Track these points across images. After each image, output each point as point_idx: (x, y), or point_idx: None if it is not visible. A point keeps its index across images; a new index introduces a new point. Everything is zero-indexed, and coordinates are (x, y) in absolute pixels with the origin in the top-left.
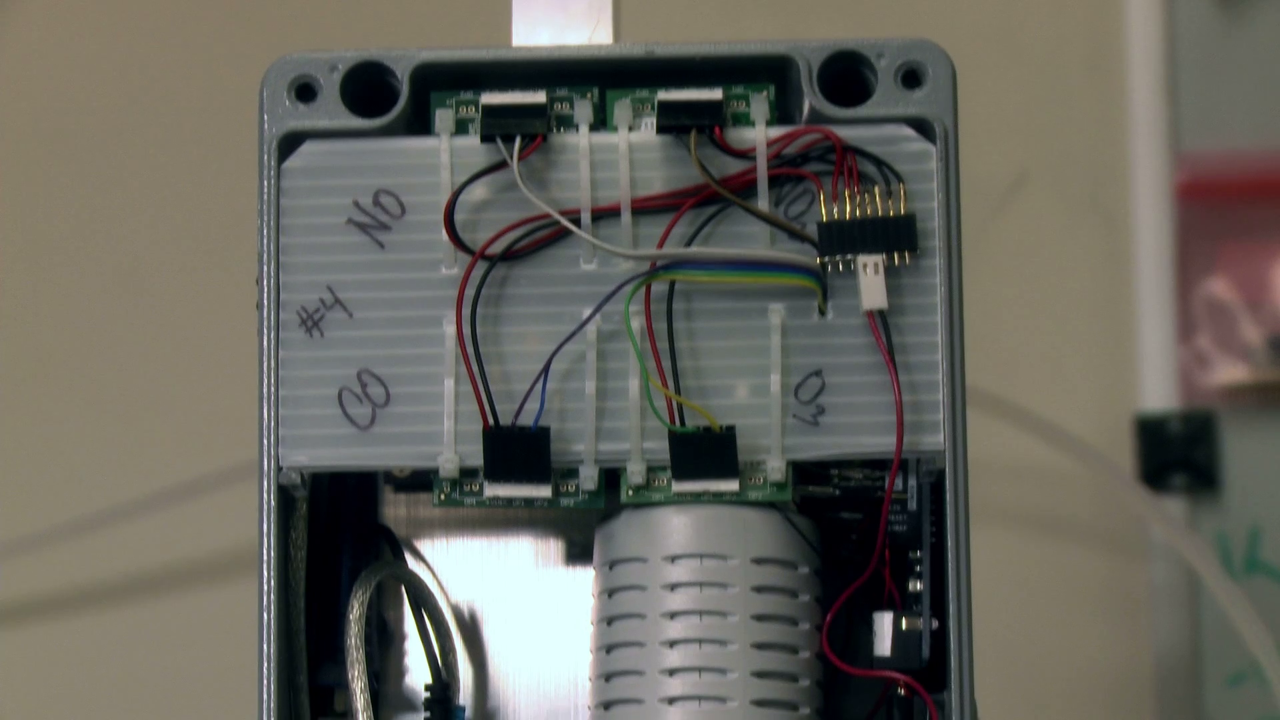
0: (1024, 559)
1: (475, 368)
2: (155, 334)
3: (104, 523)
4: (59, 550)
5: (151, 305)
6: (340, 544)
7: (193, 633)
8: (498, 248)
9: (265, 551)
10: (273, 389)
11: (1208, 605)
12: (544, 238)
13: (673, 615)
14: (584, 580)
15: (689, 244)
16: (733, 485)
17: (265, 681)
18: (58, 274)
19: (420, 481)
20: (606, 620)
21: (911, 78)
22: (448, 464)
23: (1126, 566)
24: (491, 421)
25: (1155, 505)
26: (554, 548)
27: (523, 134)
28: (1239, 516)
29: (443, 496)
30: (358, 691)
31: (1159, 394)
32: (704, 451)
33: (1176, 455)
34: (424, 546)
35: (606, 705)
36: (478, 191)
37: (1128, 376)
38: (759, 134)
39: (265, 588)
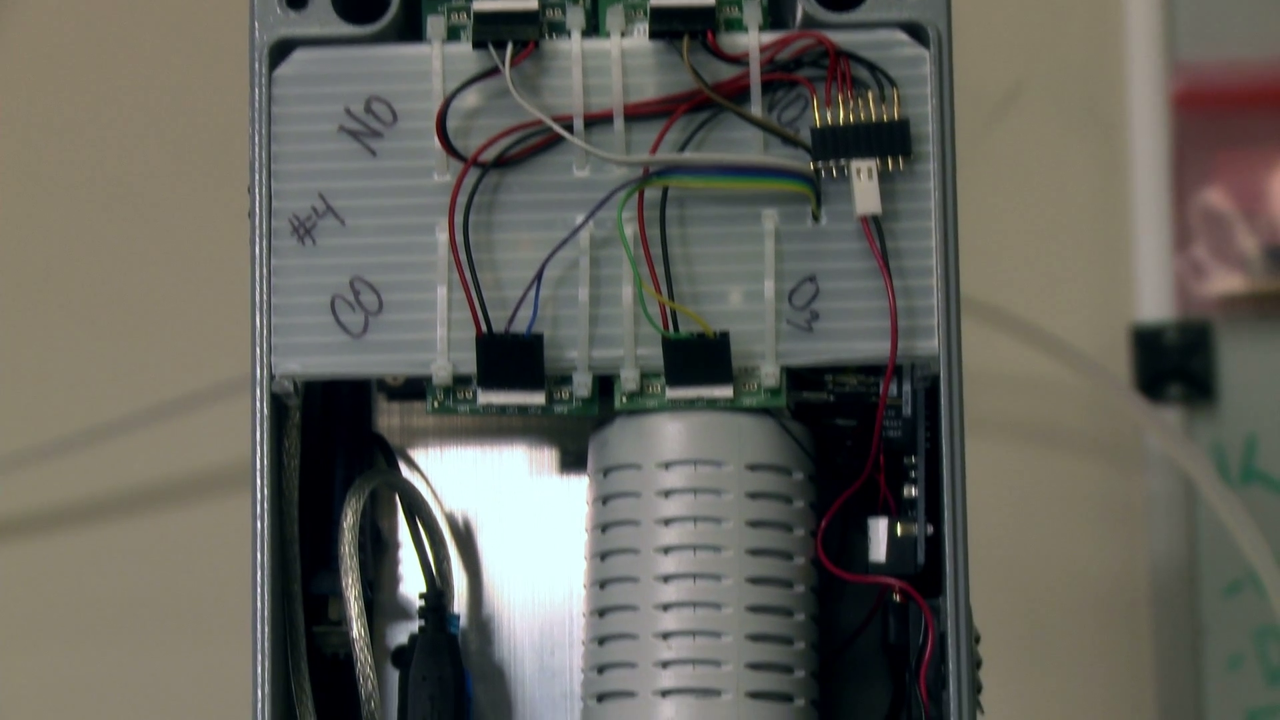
0: (1020, 469)
1: (468, 274)
2: (147, 247)
3: (99, 438)
4: (53, 466)
5: (144, 218)
6: (334, 453)
7: (188, 547)
8: (490, 154)
9: (258, 460)
10: (265, 297)
11: (1204, 514)
12: (536, 144)
13: (667, 522)
14: (578, 488)
15: (682, 150)
16: (727, 391)
17: (260, 590)
18: (48, 187)
19: (414, 389)
20: (600, 527)
21: None
22: (441, 371)
23: (1123, 476)
24: (485, 328)
25: (1152, 414)
26: (548, 456)
27: (515, 40)
28: (1235, 426)
29: (436, 404)
30: (352, 599)
31: (1155, 304)
32: (698, 358)
33: (1172, 365)
34: (418, 455)
35: (601, 612)
36: (470, 98)
37: (1124, 287)
38: (751, 39)
39: (259, 496)
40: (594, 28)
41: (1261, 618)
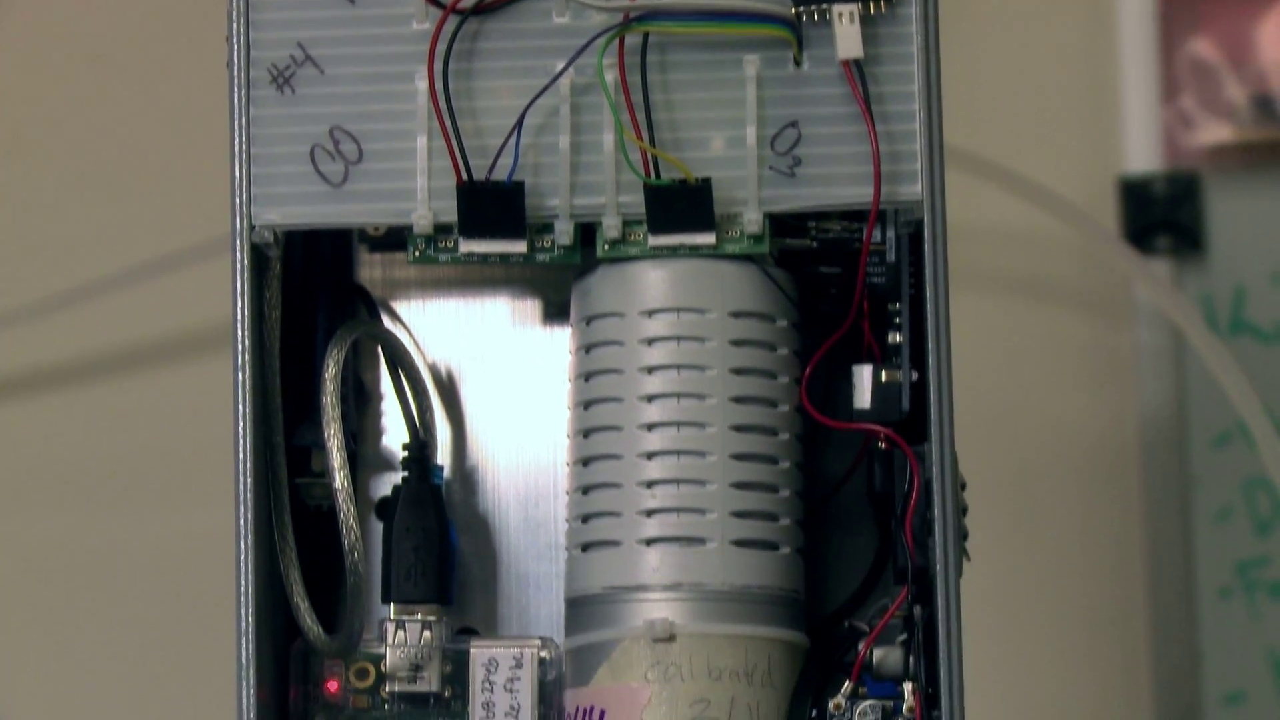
0: (1008, 322)
1: (448, 123)
2: (127, 103)
3: (82, 299)
4: (35, 327)
5: (123, 73)
6: (315, 304)
7: (172, 407)
8: (469, 1)
9: (239, 311)
10: (244, 147)
11: (1193, 366)
12: None
13: (650, 370)
14: (561, 338)
15: None
16: (709, 238)
17: (241, 442)
18: (25, 48)
19: (395, 240)
20: (583, 376)
21: None
22: (422, 220)
23: (1111, 328)
24: (465, 177)
25: (1140, 265)
26: (530, 307)
27: None
28: (1223, 277)
29: (417, 253)
30: (334, 450)
31: (1143, 155)
32: (680, 204)
33: (1161, 217)
34: (400, 307)
35: (585, 462)
36: None
37: (1111, 138)
38: None
39: (240, 347)
40: None
41: (1250, 469)
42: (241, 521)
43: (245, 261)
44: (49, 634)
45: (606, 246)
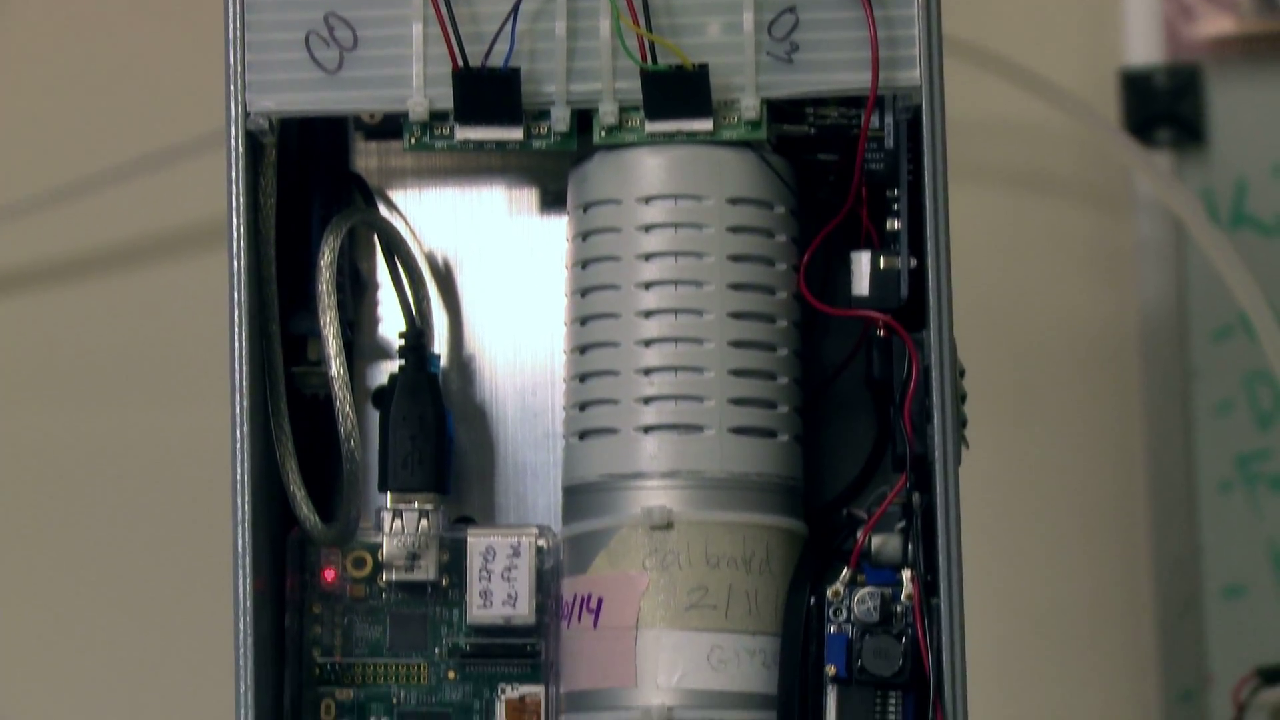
0: (1009, 215)
1: (443, 8)
2: None
3: (77, 193)
4: (30, 222)
5: None
6: (311, 193)
7: (170, 302)
8: None
9: (233, 198)
10: (238, 34)
11: (1194, 258)
12: None
13: (647, 257)
14: (558, 227)
15: None
16: (706, 124)
17: (236, 329)
18: None
19: (390, 128)
20: (581, 264)
21: None
22: (417, 107)
23: (1112, 221)
24: (461, 63)
25: (1142, 157)
26: (527, 195)
27: None
28: (1225, 169)
29: (413, 140)
30: (330, 338)
31: (1144, 47)
32: (677, 90)
33: (1162, 109)
34: (396, 196)
35: (582, 350)
36: None
37: (1112, 30)
38: None
39: (234, 235)
40: None
41: (1251, 362)
42: (237, 410)
43: (240, 149)
44: (46, 528)
45: (603, 133)
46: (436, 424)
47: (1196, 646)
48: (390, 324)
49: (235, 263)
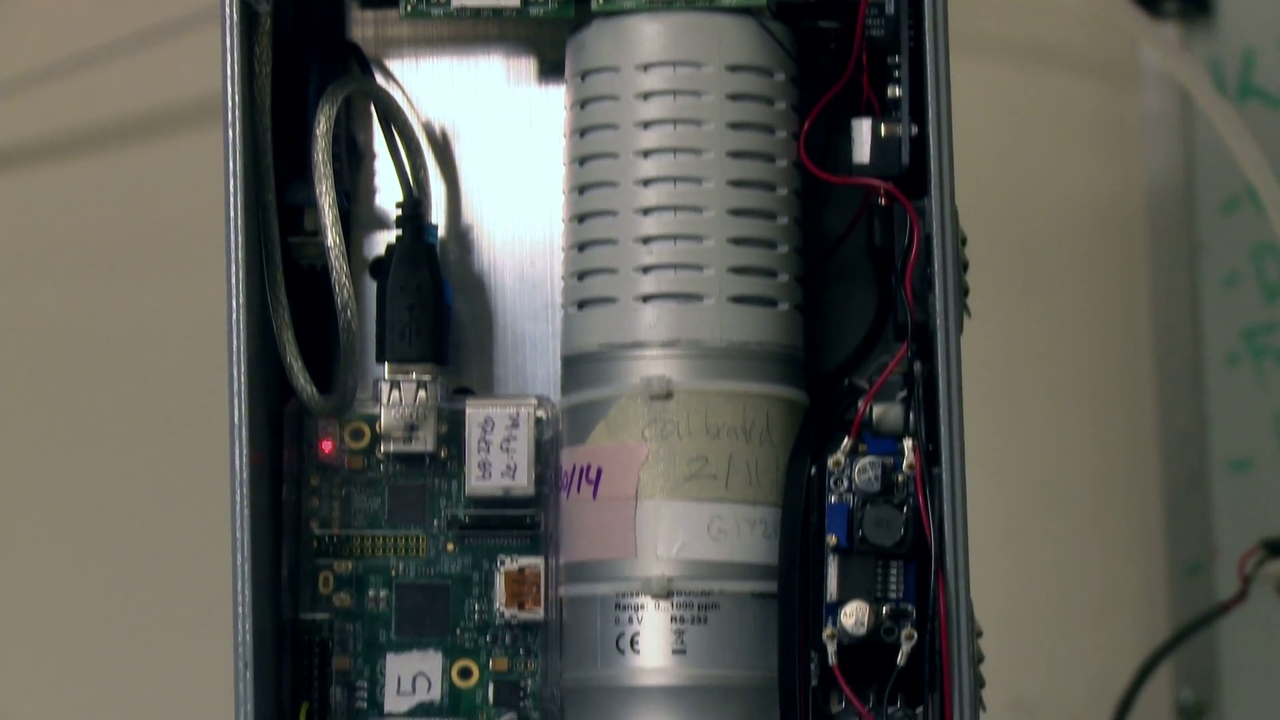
0: (1015, 89)
1: None
2: None
3: (74, 68)
4: (26, 99)
5: None
6: (307, 62)
7: (165, 175)
8: None
9: (228, 67)
10: None
11: (1201, 131)
12: None
13: (646, 125)
14: (557, 97)
15: None
16: None
17: (232, 199)
18: None
19: None
20: (579, 133)
21: None
22: None
23: (1119, 93)
24: None
25: (1149, 28)
26: (525, 65)
27: None
28: (1232, 41)
29: (409, 8)
30: (326, 208)
31: None
32: None
33: None
34: (393, 65)
35: (580, 219)
36: None
37: None
38: None
39: (230, 104)
40: None
41: (1259, 234)
42: (232, 281)
43: (235, 18)
44: (44, 403)
45: (601, 0)
46: (434, 294)
47: (1202, 520)
48: (387, 194)
49: (230, 132)
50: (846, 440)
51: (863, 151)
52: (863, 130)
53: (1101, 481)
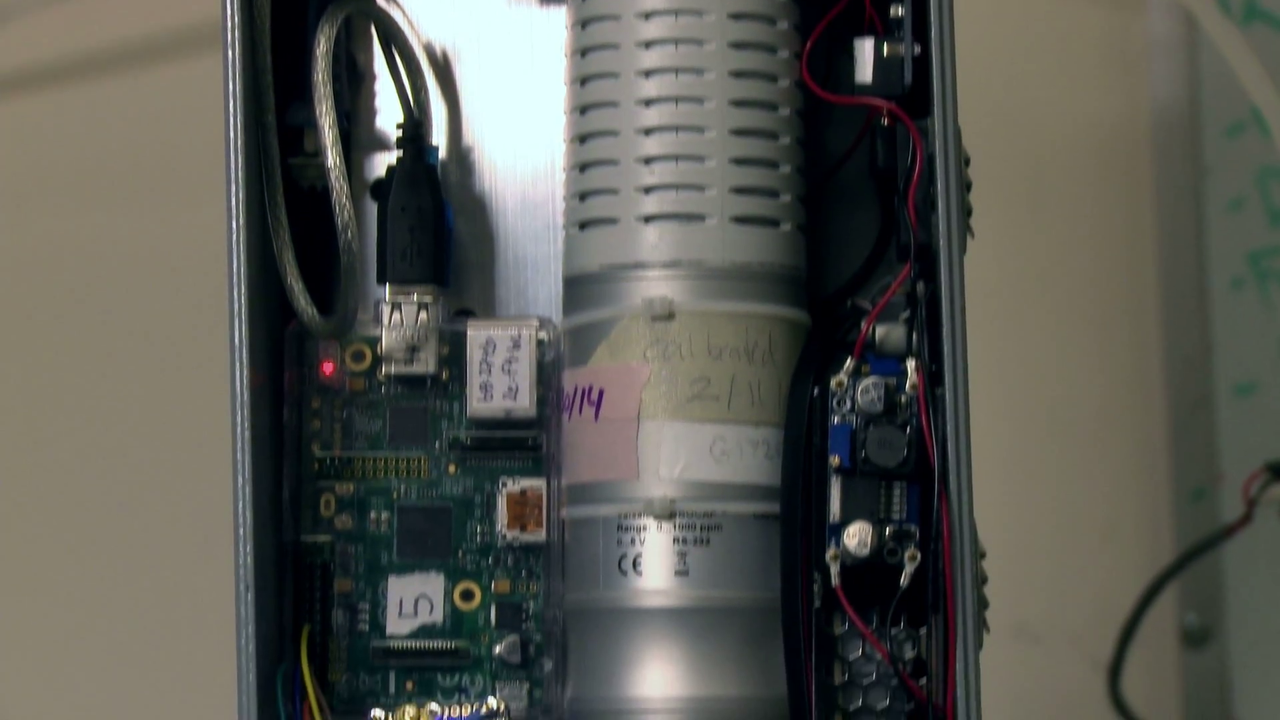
0: (1018, 11)
1: None
2: None
3: None
4: (24, 24)
5: None
6: None
7: (165, 99)
8: None
9: None
10: None
11: (1206, 54)
12: None
13: (647, 45)
14: (557, 17)
15: None
16: None
17: (232, 120)
18: None
19: None
20: (580, 53)
21: None
22: None
23: (1124, 16)
24: None
25: None
26: None
27: None
28: None
29: None
30: (326, 128)
31: None
32: None
33: None
34: None
35: (582, 139)
36: None
37: None
38: None
39: (229, 24)
40: None
41: (1264, 158)
42: (233, 201)
43: None
44: (44, 330)
45: None
46: (435, 215)
47: (1207, 444)
48: (388, 115)
49: (230, 52)
50: (849, 361)
51: (865, 71)
52: (865, 50)
53: (1106, 406)
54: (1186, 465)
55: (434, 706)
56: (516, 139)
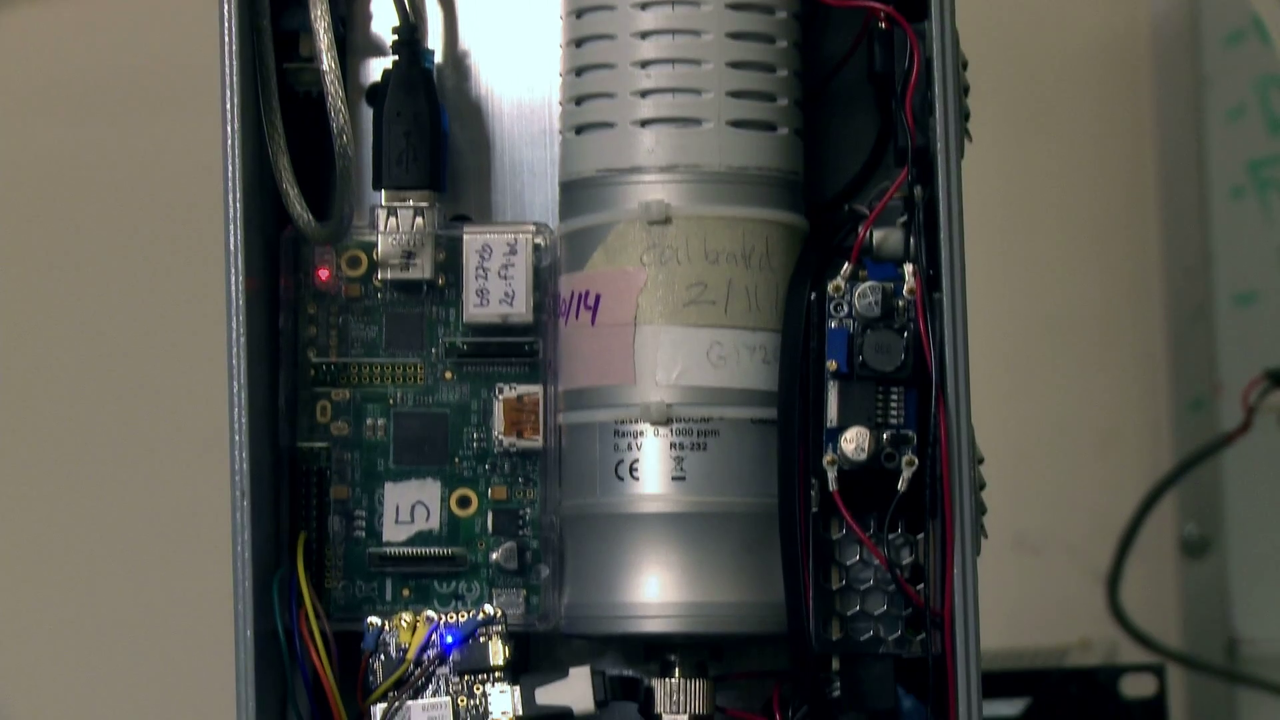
0: None
1: None
2: None
3: None
4: None
5: None
6: None
7: (158, 9)
8: None
9: None
10: None
11: None
12: None
13: None
14: None
15: None
16: None
17: (225, 24)
18: None
19: None
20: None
21: None
22: None
23: None
24: None
25: None
26: None
27: None
28: None
29: None
30: (321, 32)
31: None
32: None
33: None
34: None
35: (578, 43)
36: None
37: None
38: None
39: None
40: None
41: (1264, 66)
42: (228, 106)
43: None
44: (41, 237)
45: None
46: (431, 121)
47: (1206, 354)
48: (383, 20)
49: None
50: (846, 265)
51: None
52: None
53: (1105, 315)
54: (1185, 375)
55: (430, 613)
56: (513, 44)
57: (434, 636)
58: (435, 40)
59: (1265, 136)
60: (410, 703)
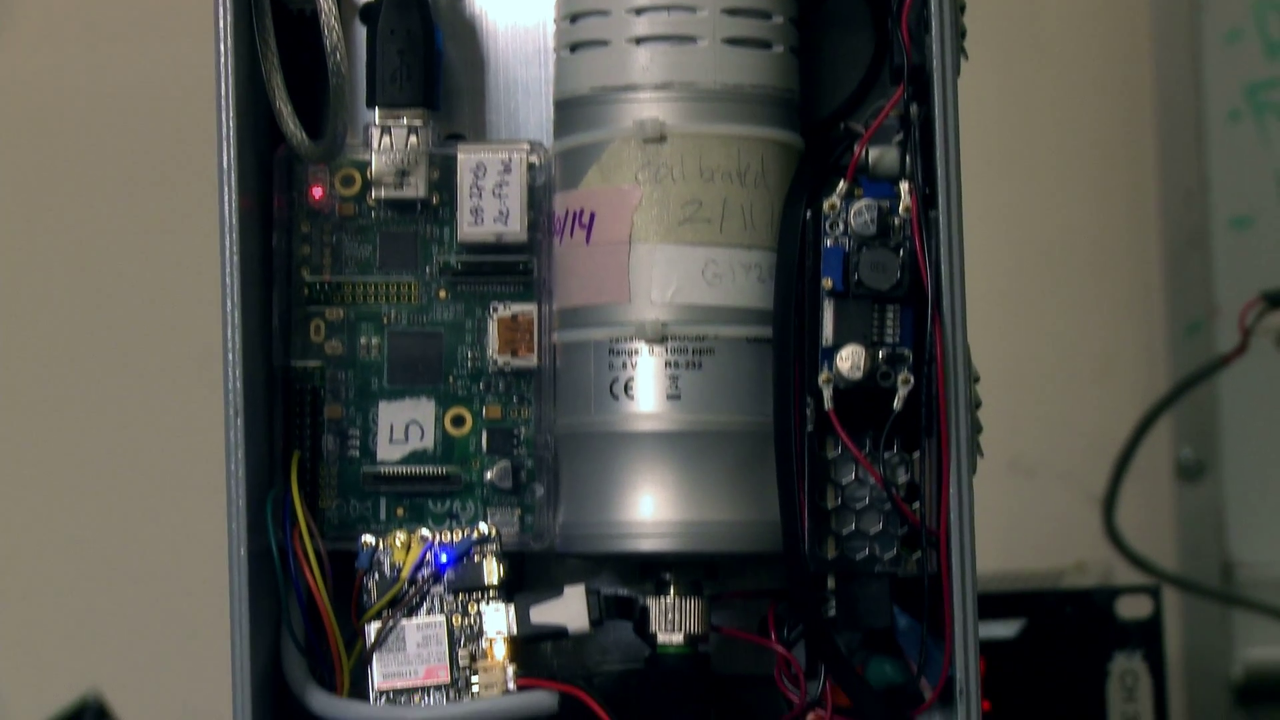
0: None
1: None
2: None
3: None
4: None
5: None
6: None
7: None
8: None
9: None
10: None
11: None
12: None
13: None
14: None
15: None
16: None
17: None
18: None
19: None
20: None
21: None
22: None
23: None
24: None
25: None
26: None
27: None
28: None
29: None
30: None
31: None
32: None
33: None
34: None
35: None
36: None
37: None
38: None
39: None
40: None
41: None
42: (220, 24)
43: None
44: (34, 158)
45: None
46: (425, 39)
47: (1203, 278)
48: None
49: None
50: (842, 184)
51: None
52: None
53: (1102, 239)
54: (1182, 299)
55: (425, 532)
56: None
57: (428, 555)
58: None
59: (1263, 60)
60: (405, 621)
